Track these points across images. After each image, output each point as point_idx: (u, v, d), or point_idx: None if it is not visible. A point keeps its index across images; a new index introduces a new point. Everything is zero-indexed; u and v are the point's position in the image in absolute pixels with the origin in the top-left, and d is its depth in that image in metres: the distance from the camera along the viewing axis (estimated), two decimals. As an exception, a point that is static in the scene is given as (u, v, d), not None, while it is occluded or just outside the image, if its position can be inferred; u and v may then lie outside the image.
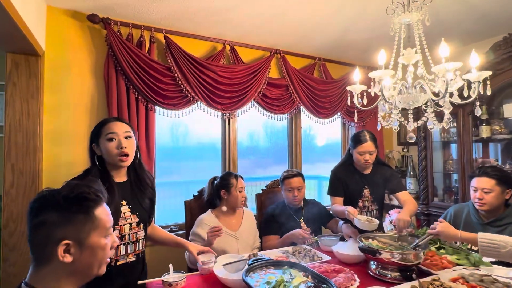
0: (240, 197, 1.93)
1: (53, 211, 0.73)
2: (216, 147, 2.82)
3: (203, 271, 1.52)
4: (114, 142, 1.37)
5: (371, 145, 2.00)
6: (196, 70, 2.38)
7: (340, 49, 2.95)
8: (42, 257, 0.74)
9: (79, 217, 0.75)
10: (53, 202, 0.74)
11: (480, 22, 2.41)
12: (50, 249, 0.72)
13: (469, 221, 1.94)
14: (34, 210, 0.74)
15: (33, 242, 0.74)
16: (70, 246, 0.73)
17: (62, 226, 0.73)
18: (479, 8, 2.18)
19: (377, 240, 1.63)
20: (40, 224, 0.73)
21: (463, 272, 1.42)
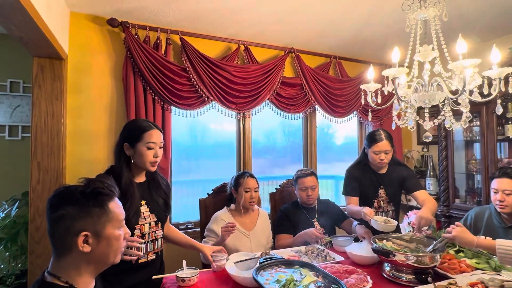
0: (248, 197, 1.93)
1: (71, 205, 0.79)
2: (232, 146, 2.85)
3: (215, 269, 1.55)
4: (152, 151, 1.42)
5: (386, 144, 1.95)
6: (211, 71, 2.41)
7: (356, 46, 2.90)
8: (62, 248, 0.79)
9: (95, 210, 0.81)
10: (71, 197, 0.80)
11: (503, 16, 2.29)
12: (70, 240, 0.78)
13: (490, 224, 1.86)
14: (54, 205, 0.80)
15: (53, 234, 0.79)
16: (88, 237, 0.79)
17: (80, 218, 0.79)
18: (502, 1, 2.07)
19: (392, 242, 1.60)
20: (60, 218, 0.78)
21: (482, 276, 1.37)
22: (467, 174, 2.85)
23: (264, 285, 1.16)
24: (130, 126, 1.47)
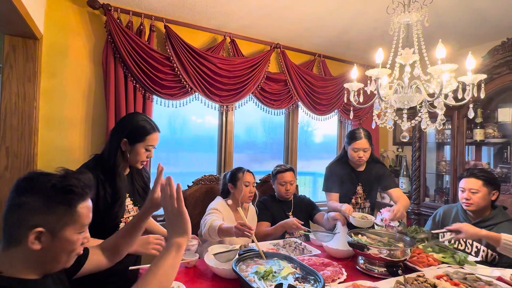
0: (247, 191, 1.95)
1: (38, 196, 0.72)
2: (212, 139, 2.83)
3: (187, 265, 1.52)
4: (148, 153, 1.43)
5: (365, 142, 2.02)
6: (195, 61, 2.37)
7: (340, 46, 2.96)
8: (12, 238, 0.72)
9: (60, 208, 0.73)
10: (40, 187, 0.72)
11: (479, 26, 2.42)
12: (22, 232, 0.71)
13: (457, 221, 1.97)
14: (20, 189, 0.73)
15: (7, 221, 0.72)
16: (42, 234, 0.71)
17: (41, 213, 0.72)
18: (480, 12, 2.19)
19: (366, 236, 1.66)
20: (20, 205, 0.71)
21: (448, 270, 1.46)
22: (437, 174, 3.01)
23: (244, 276, 1.17)
24: (134, 124, 1.40)
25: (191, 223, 2.05)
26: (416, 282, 1.31)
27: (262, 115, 2.94)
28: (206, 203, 2.12)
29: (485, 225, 1.82)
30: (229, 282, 1.36)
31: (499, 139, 2.55)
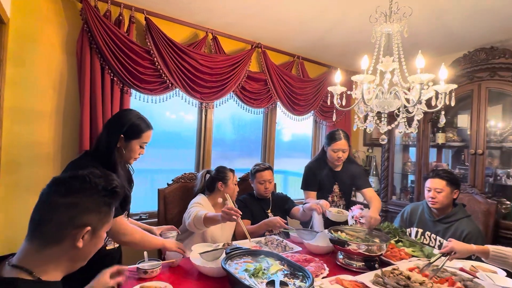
0: (236, 190, 2.02)
1: (89, 196, 0.75)
2: (187, 136, 2.78)
3: (171, 264, 1.50)
4: (141, 150, 1.45)
5: (344, 143, 2.12)
6: (177, 56, 2.32)
7: (319, 50, 3.05)
8: (53, 238, 0.73)
9: (105, 208, 0.78)
10: (92, 188, 0.76)
11: (446, 39, 2.63)
12: (68, 232, 0.73)
13: (423, 218, 2.14)
14: (68, 189, 0.74)
15: (52, 220, 0.72)
16: (87, 233, 0.75)
17: (91, 213, 0.76)
18: (448, 27, 2.38)
19: (345, 233, 1.75)
20: (72, 205, 0.73)
21: (418, 262, 1.59)
22: (403, 174, 3.24)
23: (234, 274, 1.18)
24: (131, 121, 1.40)
25: (171, 221, 2.03)
26: (392, 275, 1.41)
27: (231, 112, 2.92)
28: (186, 201, 2.09)
29: (447, 221, 2.00)
30: (216, 281, 1.36)
31: (458, 142, 2.80)
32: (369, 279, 1.39)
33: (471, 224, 1.93)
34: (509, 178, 2.42)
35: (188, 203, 2.02)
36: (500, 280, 1.45)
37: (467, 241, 1.77)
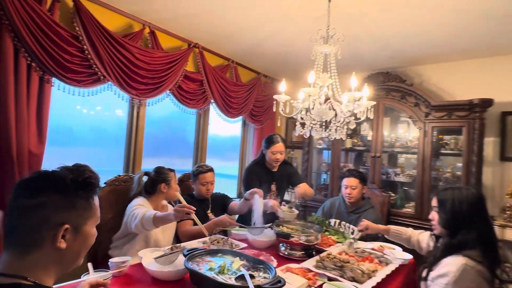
0: (178, 190, 1.95)
1: (57, 193, 0.70)
2: (112, 134, 2.55)
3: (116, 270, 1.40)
4: None
5: (282, 146, 2.34)
6: (111, 47, 2.11)
7: (253, 56, 3.23)
8: (31, 243, 0.68)
9: (81, 203, 0.73)
10: (58, 183, 0.70)
11: (355, 61, 3.17)
12: (45, 234, 0.68)
13: (339, 210, 2.55)
14: (33, 190, 0.68)
15: (22, 225, 0.67)
16: (67, 231, 0.70)
17: (64, 210, 0.70)
18: (357, 50, 2.88)
19: (285, 227, 1.95)
20: (39, 205, 0.68)
21: (343, 247, 1.91)
22: (318, 173, 3.72)
23: (202, 272, 1.20)
24: None
25: (105, 227, 1.87)
26: (328, 259, 1.66)
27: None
28: (120, 205, 1.95)
29: (358, 211, 2.43)
30: (171, 285, 1.34)
31: (360, 147, 3.40)
32: (311, 264, 1.60)
33: (374, 213, 2.41)
34: (396, 175, 3.10)
35: (123, 207, 1.89)
36: (399, 254, 1.89)
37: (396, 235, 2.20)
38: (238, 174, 3.81)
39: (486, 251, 1.28)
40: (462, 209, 1.36)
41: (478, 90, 2.79)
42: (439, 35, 2.41)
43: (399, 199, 3.09)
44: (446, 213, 1.40)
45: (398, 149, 3.13)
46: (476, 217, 1.34)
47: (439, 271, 1.30)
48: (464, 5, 1.94)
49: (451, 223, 1.38)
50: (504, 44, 2.53)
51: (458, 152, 2.74)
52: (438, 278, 1.29)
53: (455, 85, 2.98)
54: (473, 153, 2.56)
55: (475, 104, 2.54)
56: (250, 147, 3.79)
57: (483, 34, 2.35)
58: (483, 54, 2.78)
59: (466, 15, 2.07)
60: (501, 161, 2.75)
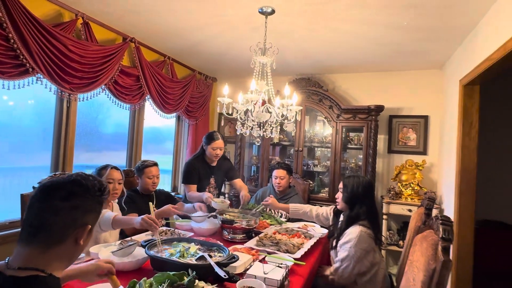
0: (111, 188, 1.90)
1: (90, 198, 0.82)
2: (42, 130, 2.37)
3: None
4: None
5: (222, 142, 2.56)
6: (41, 37, 1.97)
7: (189, 55, 3.32)
8: (57, 239, 0.77)
9: (99, 208, 0.85)
10: (91, 190, 0.82)
11: (283, 66, 3.57)
12: (71, 232, 0.78)
13: (270, 197, 2.94)
14: (69, 193, 0.78)
15: (56, 223, 0.76)
16: (86, 231, 0.81)
17: (90, 213, 0.82)
18: (284, 58, 3.28)
19: (228, 215, 2.20)
20: (74, 208, 0.78)
21: (276, 228, 2.27)
22: (249, 166, 4.07)
23: (168, 258, 1.37)
24: None
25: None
26: (266, 238, 1.99)
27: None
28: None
29: (285, 198, 2.85)
30: (131, 274, 1.45)
31: (286, 142, 3.88)
32: (253, 244, 1.90)
33: (298, 198, 2.86)
34: (314, 166, 3.67)
35: None
36: (318, 230, 2.35)
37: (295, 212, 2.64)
38: (172, 168, 3.87)
39: (372, 221, 1.79)
40: (358, 190, 1.84)
41: (374, 97, 3.53)
42: (348, 52, 2.97)
43: (316, 186, 3.67)
44: (348, 193, 1.87)
45: (316, 144, 3.71)
46: (366, 197, 1.85)
47: (344, 239, 1.75)
48: (363, 33, 2.49)
49: (350, 200, 1.86)
50: (391, 63, 3.27)
51: (359, 146, 3.43)
52: (344, 244, 1.74)
53: (359, 93, 3.68)
54: (370, 147, 3.25)
55: (372, 109, 3.22)
56: (185, 142, 3.89)
57: (377, 55, 3.00)
58: (377, 69, 3.52)
59: (364, 40, 2.63)
60: (388, 153, 3.56)
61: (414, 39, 2.56)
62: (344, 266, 1.67)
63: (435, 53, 2.88)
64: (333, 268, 1.75)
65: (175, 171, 3.87)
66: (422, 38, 2.52)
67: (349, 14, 2.17)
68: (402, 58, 3.08)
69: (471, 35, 2.38)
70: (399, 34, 2.48)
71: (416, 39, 2.55)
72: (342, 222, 1.86)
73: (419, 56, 2.97)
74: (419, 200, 3.10)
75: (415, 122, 3.45)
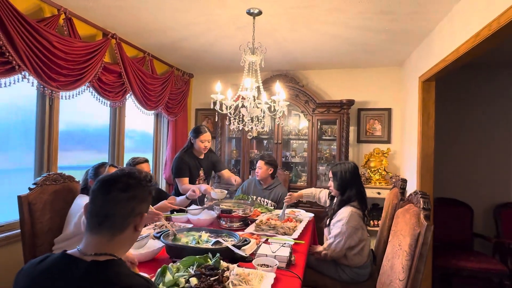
0: None
1: (143, 189, 0.90)
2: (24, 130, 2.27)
3: None
4: None
5: (209, 135, 2.67)
6: (27, 33, 1.90)
7: (169, 51, 3.33)
8: (120, 227, 0.85)
9: (149, 197, 0.94)
10: (142, 181, 0.90)
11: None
12: (131, 220, 0.86)
13: (255, 189, 3.10)
14: (126, 185, 0.85)
15: (118, 213, 0.84)
16: (143, 219, 0.90)
17: (144, 202, 0.90)
18: (265, 55, 3.43)
19: (224, 205, 2.33)
20: (132, 198, 0.86)
21: (267, 215, 2.45)
22: (229, 160, 4.19)
23: (183, 244, 1.47)
24: None
25: (42, 230, 1.85)
26: (262, 223, 2.16)
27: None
28: (56, 205, 1.89)
29: (269, 188, 3.03)
30: (146, 265, 1.53)
31: (264, 136, 4.06)
32: (252, 230, 2.06)
33: (282, 188, 3.07)
34: (292, 157, 3.91)
35: (61, 208, 1.87)
36: (305, 214, 2.59)
37: (282, 199, 2.84)
38: (153, 165, 3.86)
39: (360, 202, 2.04)
40: (346, 176, 2.08)
41: (344, 92, 3.84)
42: (322, 51, 3.22)
43: (294, 176, 3.92)
44: (338, 180, 2.10)
45: (293, 136, 3.94)
46: (354, 180, 2.09)
47: (337, 218, 1.99)
48: (339, 34, 2.73)
49: (341, 186, 2.09)
50: (359, 61, 3.59)
51: (333, 137, 3.73)
52: (337, 222, 1.98)
53: (330, 87, 3.97)
54: (343, 138, 3.56)
55: (344, 103, 3.53)
56: (165, 138, 3.89)
57: (348, 53, 3.29)
58: (347, 66, 3.83)
59: (339, 40, 2.89)
60: (358, 143, 3.92)
61: (381, 40, 2.87)
62: (336, 242, 1.91)
63: (396, 53, 3.24)
64: (326, 244, 1.98)
65: (156, 168, 3.86)
66: (388, 39, 2.84)
67: (329, 17, 2.39)
68: (370, 56, 3.40)
69: (428, 38, 2.74)
70: (368, 36, 2.76)
71: (383, 40, 2.86)
72: (335, 204, 2.09)
73: (383, 54, 3.32)
74: (386, 184, 3.49)
75: (380, 114, 3.83)
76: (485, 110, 3.56)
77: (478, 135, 3.57)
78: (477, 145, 3.57)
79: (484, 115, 3.56)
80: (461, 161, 3.60)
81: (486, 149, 3.54)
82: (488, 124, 3.55)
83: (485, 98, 3.56)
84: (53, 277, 0.77)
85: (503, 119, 3.52)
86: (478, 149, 3.56)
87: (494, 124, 3.53)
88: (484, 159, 3.54)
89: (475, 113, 3.58)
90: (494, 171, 3.51)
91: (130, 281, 0.78)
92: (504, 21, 1.55)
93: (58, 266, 0.79)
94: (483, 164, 3.54)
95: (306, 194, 2.58)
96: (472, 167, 3.56)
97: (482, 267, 2.81)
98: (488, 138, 3.54)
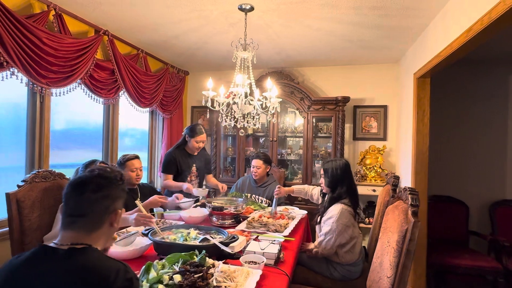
0: None
1: (115, 187, 0.93)
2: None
3: None
4: None
5: (205, 136, 2.66)
6: (15, 29, 1.88)
7: (163, 48, 3.31)
8: (96, 224, 0.88)
9: (123, 194, 0.97)
10: (115, 180, 0.93)
11: (256, 60, 3.71)
12: (106, 217, 0.90)
13: (250, 186, 3.09)
14: (98, 185, 0.88)
15: (92, 211, 0.87)
16: (118, 215, 0.93)
17: (118, 199, 0.94)
18: (258, 54, 3.42)
19: (216, 202, 2.32)
20: (104, 197, 0.89)
21: (260, 212, 2.44)
22: (225, 157, 4.18)
23: (174, 242, 1.46)
24: None
25: (31, 228, 1.84)
26: (253, 221, 2.15)
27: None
28: (45, 203, 1.88)
29: (264, 185, 3.02)
30: (133, 262, 1.52)
31: (260, 133, 4.04)
32: (243, 227, 2.05)
33: (276, 185, 3.06)
34: (287, 155, 3.90)
35: (50, 205, 1.86)
36: (298, 211, 2.58)
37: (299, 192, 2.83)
38: (148, 163, 3.85)
39: (352, 199, 2.03)
40: (337, 173, 2.06)
41: (340, 89, 3.82)
42: (317, 47, 3.20)
43: (290, 173, 3.91)
44: (329, 177, 2.08)
45: (288, 134, 3.93)
46: (345, 177, 2.08)
47: (328, 215, 1.98)
48: (333, 30, 2.71)
49: (332, 183, 2.07)
50: (355, 58, 3.57)
51: (329, 135, 3.71)
52: (327, 220, 1.96)
53: (326, 85, 3.95)
54: (338, 135, 3.55)
55: (339, 100, 3.51)
56: (159, 136, 3.87)
57: (343, 50, 3.27)
58: (343, 63, 3.81)
59: (333, 36, 2.87)
60: (354, 140, 3.90)
61: (376, 37, 2.85)
62: (327, 239, 1.89)
63: (392, 49, 3.22)
64: (317, 241, 1.96)
65: (151, 166, 3.85)
66: (383, 36, 2.82)
67: (322, 13, 2.36)
68: (365, 53, 3.38)
69: (422, 34, 2.72)
70: (363, 32, 2.74)
71: (378, 36, 2.84)
72: (325, 201, 2.07)
73: (379, 51, 3.30)
74: (381, 181, 3.48)
75: (376, 112, 3.82)
76: (481, 107, 3.53)
77: (473, 133, 3.55)
78: (472, 142, 3.55)
79: (479, 113, 3.54)
80: (456, 159, 3.58)
81: (481, 147, 3.53)
82: (483, 122, 3.53)
83: (481, 95, 3.54)
84: (32, 265, 0.79)
85: (498, 116, 3.50)
86: (473, 147, 3.55)
87: (489, 122, 3.51)
88: (480, 157, 3.52)
89: (470, 111, 3.56)
90: (489, 169, 3.50)
91: (109, 262, 0.81)
92: (495, 15, 1.53)
93: (36, 256, 0.81)
94: (478, 161, 3.52)
95: (297, 189, 2.58)
96: (467, 164, 3.55)
97: (477, 264, 2.80)
98: (483, 136, 3.53)
